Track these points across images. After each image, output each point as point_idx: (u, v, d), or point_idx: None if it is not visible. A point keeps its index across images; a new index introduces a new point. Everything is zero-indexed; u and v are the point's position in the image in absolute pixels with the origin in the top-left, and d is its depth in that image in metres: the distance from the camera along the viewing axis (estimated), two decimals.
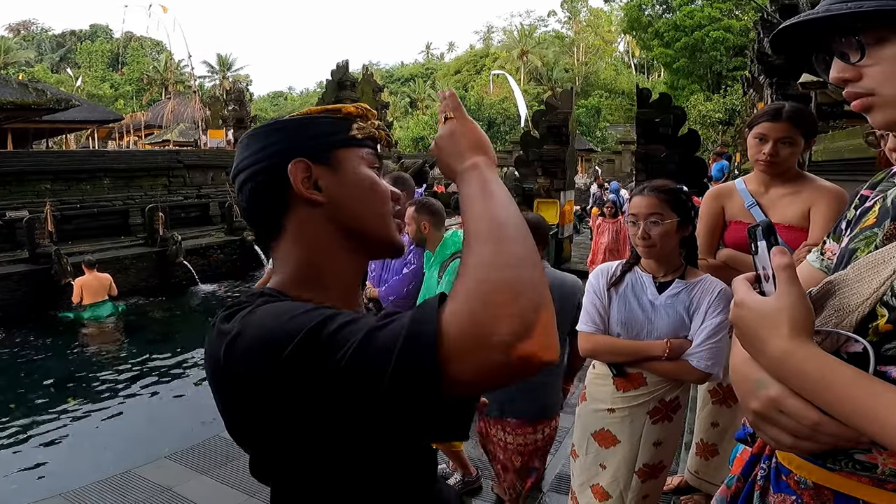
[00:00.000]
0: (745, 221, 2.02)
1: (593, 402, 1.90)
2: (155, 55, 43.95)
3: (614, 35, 49.43)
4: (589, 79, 43.07)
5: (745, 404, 0.70)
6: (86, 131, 24.26)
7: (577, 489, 1.97)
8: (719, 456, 2.32)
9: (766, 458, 0.87)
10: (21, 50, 43.38)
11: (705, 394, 2.34)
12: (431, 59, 65.12)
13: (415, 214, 2.66)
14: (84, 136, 26.26)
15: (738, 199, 2.07)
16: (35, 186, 9.99)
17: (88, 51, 45.95)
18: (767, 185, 2.02)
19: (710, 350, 1.69)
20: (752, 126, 2.00)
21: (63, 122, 18.14)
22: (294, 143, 0.75)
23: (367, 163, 0.79)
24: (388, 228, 0.79)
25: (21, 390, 6.15)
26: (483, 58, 50.57)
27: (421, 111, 38.20)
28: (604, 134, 32.13)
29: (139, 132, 26.91)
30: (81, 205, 10.37)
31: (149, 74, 42.02)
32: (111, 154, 12.93)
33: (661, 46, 29.01)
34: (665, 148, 7.47)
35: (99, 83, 39.70)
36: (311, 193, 0.73)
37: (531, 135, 9.47)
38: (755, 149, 1.97)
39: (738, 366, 0.73)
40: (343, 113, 0.78)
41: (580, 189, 16.13)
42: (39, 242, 8.85)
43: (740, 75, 16.79)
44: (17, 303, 8.35)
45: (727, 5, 27.07)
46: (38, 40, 50.43)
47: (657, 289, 1.78)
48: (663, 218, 1.71)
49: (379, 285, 3.16)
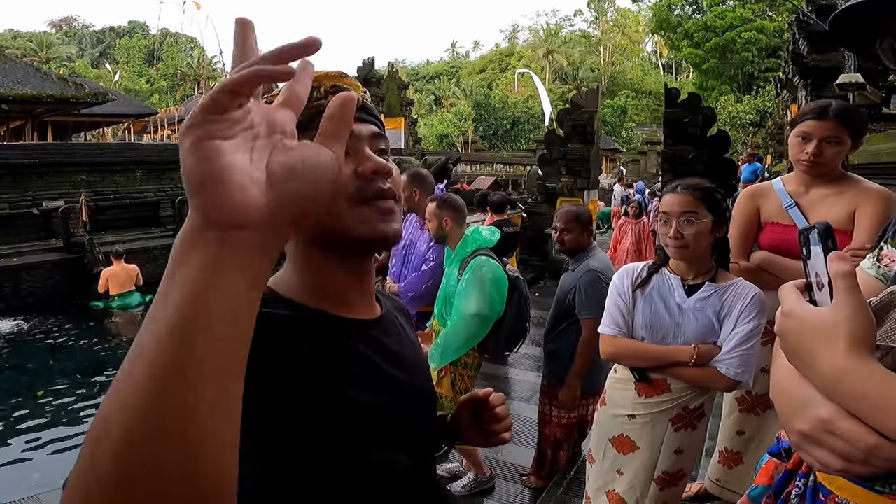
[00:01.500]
0: (782, 223, 1.95)
1: (613, 406, 1.85)
2: (188, 51, 45.01)
3: (642, 35, 48.78)
4: (615, 79, 42.59)
5: (788, 424, 0.64)
6: (122, 125, 24.95)
7: (591, 494, 1.93)
8: (743, 465, 2.26)
9: (802, 476, 0.82)
10: (63, 45, 45.05)
11: (732, 401, 2.27)
12: (456, 57, 65.19)
13: (436, 210, 2.65)
14: (121, 130, 27.03)
15: (776, 199, 1.98)
16: (72, 177, 10.33)
17: (126, 46, 47.42)
18: (808, 185, 1.93)
19: (740, 357, 1.62)
20: (794, 124, 1.92)
21: (101, 116, 18.72)
22: None
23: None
24: (346, 224, 0.65)
25: (50, 376, 6.32)
26: (508, 57, 50.39)
27: (445, 108, 38.24)
28: (629, 134, 31.73)
29: (173, 126, 27.50)
30: (115, 196, 10.68)
31: (182, 70, 43.09)
32: (144, 147, 13.32)
33: (690, 47, 28.58)
34: (693, 148, 7.36)
35: (136, 78, 40.84)
36: None
37: (555, 133, 9.43)
38: (797, 148, 1.89)
39: (782, 381, 0.67)
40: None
41: (604, 189, 15.98)
42: (74, 232, 9.12)
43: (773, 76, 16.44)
44: (50, 290, 8.61)
45: (760, 6, 26.57)
46: (80, 36, 52.21)
47: (686, 291, 1.71)
48: (697, 217, 1.63)
49: (398, 281, 3.18)
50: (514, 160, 23.87)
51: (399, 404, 0.70)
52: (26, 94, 12.77)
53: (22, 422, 5.21)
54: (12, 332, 7.65)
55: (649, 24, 38.14)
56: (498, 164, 21.61)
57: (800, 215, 1.91)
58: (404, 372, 0.73)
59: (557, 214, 2.77)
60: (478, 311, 2.49)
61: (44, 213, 9.45)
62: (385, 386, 0.69)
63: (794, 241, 1.84)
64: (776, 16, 25.79)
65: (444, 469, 3.08)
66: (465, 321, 2.50)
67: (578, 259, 2.70)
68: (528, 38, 53.47)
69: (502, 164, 21.84)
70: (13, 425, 5.15)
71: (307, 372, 0.61)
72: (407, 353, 0.77)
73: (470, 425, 0.91)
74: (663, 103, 8.18)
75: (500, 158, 23.93)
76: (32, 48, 41.42)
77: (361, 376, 0.67)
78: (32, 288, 8.49)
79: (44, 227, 9.53)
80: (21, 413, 5.38)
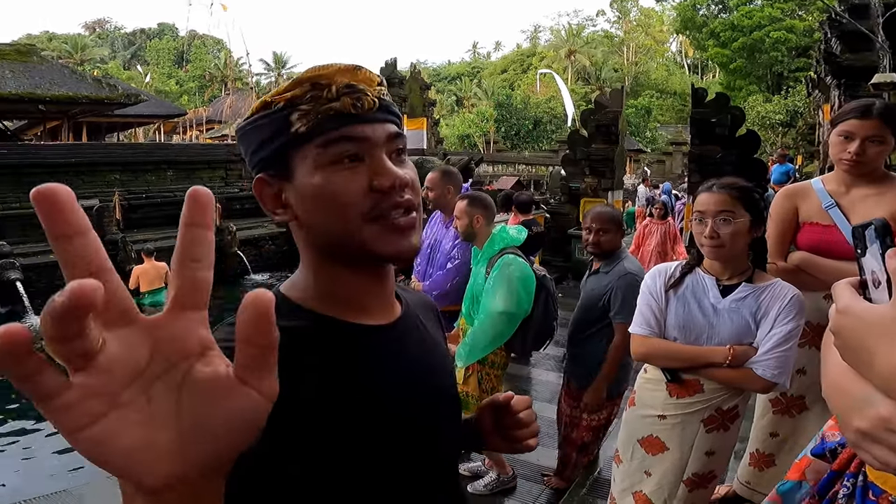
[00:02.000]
0: (822, 223, 1.92)
1: (643, 407, 1.83)
2: (216, 53, 45.95)
3: (666, 35, 48.09)
4: (639, 79, 42.07)
5: (845, 422, 0.64)
6: (153, 125, 25.60)
7: (617, 495, 1.91)
8: (776, 467, 2.21)
9: (851, 476, 0.81)
10: (96, 47, 46.55)
11: (766, 403, 2.23)
12: (478, 58, 65.12)
13: (467, 208, 2.64)
14: (151, 131, 27.73)
15: (815, 199, 1.95)
16: (106, 177, 10.67)
17: (156, 48, 48.64)
18: (849, 185, 1.90)
19: (778, 358, 1.59)
20: (836, 123, 1.88)
21: (132, 117, 19.21)
22: (248, 156, 0.64)
23: (326, 159, 0.60)
24: (362, 240, 0.62)
25: None
26: (530, 57, 50.16)
27: (467, 109, 38.29)
28: (654, 135, 31.32)
29: (201, 127, 28.16)
30: (147, 195, 10.99)
31: (210, 71, 43.96)
32: (174, 147, 13.69)
33: (716, 46, 28.13)
34: (721, 149, 7.24)
35: (165, 79, 41.75)
36: (275, 213, 0.63)
37: (579, 133, 9.38)
38: (839, 147, 1.86)
39: (837, 379, 0.66)
40: (282, 101, 0.59)
41: (627, 190, 15.82)
42: (108, 230, 9.38)
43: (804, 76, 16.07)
44: None
45: (789, 5, 26.03)
46: (112, 38, 53.78)
47: (720, 292, 1.68)
48: (734, 216, 1.61)
49: (423, 279, 3.15)
50: (536, 161, 23.78)
51: (413, 409, 0.67)
52: (62, 95, 13.18)
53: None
54: None
55: (674, 24, 37.62)
56: (520, 165, 21.56)
57: (841, 215, 1.87)
58: (421, 375, 0.70)
59: (591, 215, 2.72)
60: (505, 309, 2.49)
61: None
62: (397, 391, 0.66)
63: (834, 241, 1.85)
64: (806, 15, 25.21)
65: (466, 468, 3.09)
66: (492, 319, 2.50)
67: (611, 261, 2.66)
68: (550, 39, 53.17)
69: (524, 165, 21.78)
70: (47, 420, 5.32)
71: (314, 382, 0.59)
72: (426, 354, 0.73)
73: (492, 430, 0.86)
74: (689, 103, 8.09)
75: (522, 159, 23.87)
76: (67, 50, 42.75)
77: (371, 383, 0.64)
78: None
79: None
80: None
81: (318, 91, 0.59)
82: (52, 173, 10.10)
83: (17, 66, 13.23)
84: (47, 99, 12.92)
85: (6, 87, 12.52)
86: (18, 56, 13.64)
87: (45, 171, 10.03)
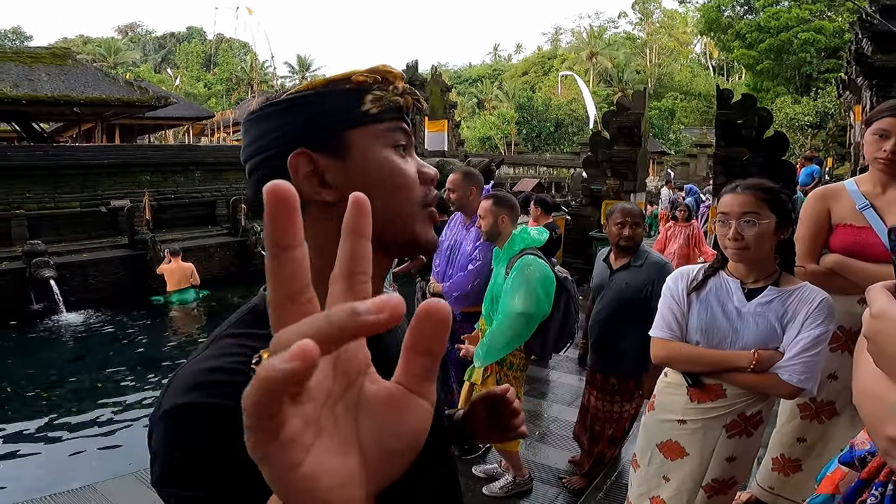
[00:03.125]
0: (856, 225, 1.87)
1: (662, 411, 1.79)
2: (242, 56, 46.78)
3: (690, 36, 47.33)
4: (662, 80, 41.52)
5: (877, 428, 0.62)
6: (182, 127, 26.19)
7: (634, 500, 1.89)
8: (802, 473, 2.17)
9: (880, 485, 0.80)
10: (129, 51, 47.86)
11: (793, 407, 2.18)
12: (499, 60, 65.03)
13: (493, 208, 2.64)
14: (181, 133, 28.37)
15: (848, 200, 1.89)
16: (137, 177, 10.95)
17: (186, 52, 49.69)
18: (885, 185, 1.84)
19: (805, 363, 1.54)
20: (870, 122, 1.83)
21: (163, 119, 19.68)
22: (293, 129, 0.60)
23: (389, 142, 0.62)
24: (413, 227, 0.63)
25: (113, 366, 6.61)
26: (551, 59, 49.89)
27: (488, 111, 38.29)
28: (678, 137, 30.87)
29: (228, 129, 28.69)
30: (175, 195, 11.23)
31: (237, 74, 44.71)
32: (202, 149, 13.96)
33: (742, 48, 27.63)
34: (748, 150, 7.12)
35: (194, 82, 42.56)
36: (316, 192, 0.60)
37: (601, 135, 9.33)
38: (874, 146, 1.81)
39: (869, 385, 0.64)
40: (353, 82, 0.61)
41: (650, 192, 15.65)
42: (138, 230, 9.58)
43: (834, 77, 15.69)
44: (115, 285, 9.07)
45: (818, 6, 25.46)
46: (143, 42, 55.17)
47: (745, 295, 1.64)
48: (760, 218, 1.56)
49: (443, 281, 3.14)
50: (557, 163, 23.64)
51: None
52: (96, 98, 13.57)
53: (83, 411, 5.44)
54: (81, 324, 8.15)
55: (697, 26, 37.02)
56: (541, 167, 21.47)
57: (876, 217, 1.82)
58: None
59: (619, 210, 2.79)
60: (524, 310, 2.48)
61: (111, 211, 10.04)
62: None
63: (868, 243, 1.82)
64: (835, 16, 24.64)
65: (481, 470, 3.07)
66: (511, 320, 2.49)
67: (640, 255, 2.73)
68: (571, 41, 52.85)
69: (545, 167, 21.69)
70: (75, 414, 5.37)
71: None
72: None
73: (484, 421, 0.87)
74: (714, 105, 7.96)
75: (543, 161, 23.76)
76: (101, 53, 43.98)
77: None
78: (100, 283, 9.01)
79: (111, 225, 10.11)
80: (83, 403, 5.63)
81: (387, 84, 0.62)
82: (86, 174, 10.44)
83: (53, 69, 13.68)
84: (82, 101, 13.30)
85: (42, 90, 12.96)
86: (54, 59, 14.09)
87: (79, 172, 10.35)
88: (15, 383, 6.17)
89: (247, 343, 0.54)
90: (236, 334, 0.56)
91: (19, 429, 5.11)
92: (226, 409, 0.47)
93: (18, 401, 5.77)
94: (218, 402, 0.48)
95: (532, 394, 4.19)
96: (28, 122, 15.89)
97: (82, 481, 3.47)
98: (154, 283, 8.98)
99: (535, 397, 4.18)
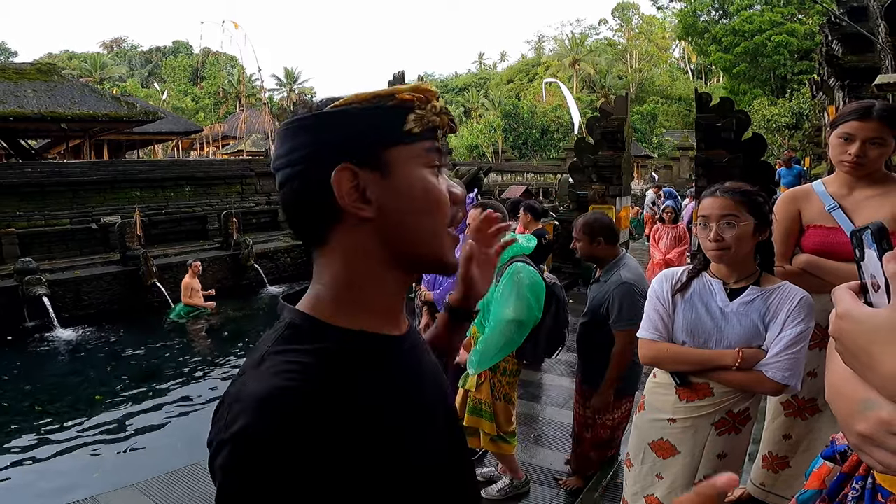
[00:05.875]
0: (825, 225, 1.90)
1: (652, 411, 1.83)
2: (229, 70, 46.60)
3: (668, 41, 48.17)
4: (643, 85, 42.19)
5: (847, 425, 0.64)
6: (171, 142, 26.02)
7: (629, 499, 1.91)
8: (790, 469, 2.20)
9: (860, 479, 0.82)
10: (115, 66, 47.34)
11: (777, 405, 2.22)
12: (484, 68, 65.44)
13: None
14: (170, 147, 28.12)
15: (818, 202, 1.93)
16: (127, 193, 10.91)
17: (172, 66, 49.27)
18: (851, 186, 1.87)
19: (788, 360, 1.59)
20: (836, 125, 1.84)
21: (151, 134, 19.56)
22: (336, 143, 0.60)
23: (426, 162, 0.63)
24: (443, 248, 0.65)
25: (108, 381, 6.64)
26: (535, 66, 50.40)
27: (475, 120, 38.55)
28: (660, 140, 31.35)
29: (217, 143, 28.55)
30: (166, 210, 11.19)
31: (224, 88, 44.30)
32: (192, 163, 13.88)
33: (719, 52, 28.22)
34: (728, 153, 7.31)
35: (182, 97, 42.21)
36: (357, 208, 0.60)
37: (586, 141, 9.50)
38: (839, 149, 1.83)
39: (839, 383, 0.66)
40: (397, 100, 0.62)
41: (636, 195, 15.93)
42: (129, 245, 9.50)
43: (807, 79, 16.10)
44: (108, 301, 9.05)
45: (789, 9, 26.11)
46: (129, 57, 54.60)
47: (728, 295, 1.68)
48: (738, 220, 1.61)
49: (433, 288, 3.21)
50: (545, 169, 23.90)
51: (437, 408, 0.70)
52: (83, 113, 13.51)
53: (81, 425, 5.46)
54: (75, 340, 8.13)
55: (675, 31, 37.72)
56: (528, 174, 21.69)
57: (844, 217, 1.85)
58: (435, 375, 0.73)
59: (575, 224, 2.80)
60: (515, 317, 2.50)
61: (102, 227, 10.01)
62: (428, 394, 0.68)
63: (838, 243, 1.89)
64: (806, 18, 25.29)
65: (479, 473, 3.07)
66: (503, 327, 2.52)
67: (609, 269, 2.70)
68: (554, 48, 53.34)
69: (533, 174, 21.91)
70: (74, 428, 5.39)
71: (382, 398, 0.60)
72: (430, 356, 0.75)
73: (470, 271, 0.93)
74: (694, 108, 8.14)
75: (531, 167, 23.99)
76: (87, 68, 43.42)
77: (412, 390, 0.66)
78: (92, 299, 8.97)
79: (102, 241, 10.07)
80: (81, 417, 5.65)
81: (426, 103, 0.63)
82: (76, 191, 10.41)
83: (39, 84, 13.63)
84: (69, 117, 13.25)
85: (29, 106, 12.90)
86: (40, 75, 14.02)
87: (69, 189, 10.31)
88: (12, 399, 6.18)
89: (292, 359, 0.57)
90: (280, 351, 0.59)
91: (19, 444, 5.13)
92: (297, 433, 0.52)
93: (17, 416, 5.78)
94: (291, 425, 0.52)
95: (526, 397, 4.27)
96: (15, 139, 15.75)
97: (83, 493, 3.50)
98: (153, 299, 8.98)
99: (528, 400, 4.27)
